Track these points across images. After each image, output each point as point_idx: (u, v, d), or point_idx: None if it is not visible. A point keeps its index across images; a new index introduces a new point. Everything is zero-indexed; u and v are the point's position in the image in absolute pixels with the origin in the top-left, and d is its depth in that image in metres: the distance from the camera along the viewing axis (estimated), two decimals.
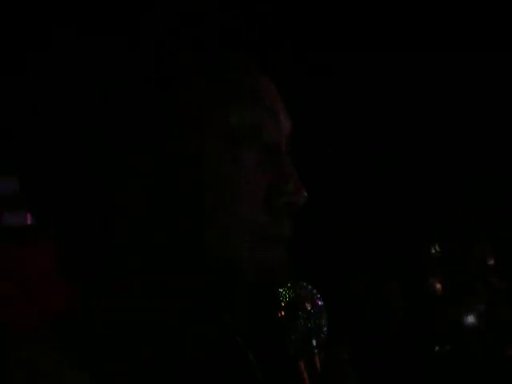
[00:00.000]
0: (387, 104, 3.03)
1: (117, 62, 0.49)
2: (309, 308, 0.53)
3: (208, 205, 0.49)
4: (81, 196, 0.49)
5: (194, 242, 0.49)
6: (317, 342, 0.52)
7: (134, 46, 0.50)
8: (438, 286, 2.58)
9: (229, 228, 0.49)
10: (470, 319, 2.93)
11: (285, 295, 0.53)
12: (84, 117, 0.48)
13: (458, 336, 2.48)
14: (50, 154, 0.50)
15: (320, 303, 0.54)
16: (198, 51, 0.51)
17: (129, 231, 0.49)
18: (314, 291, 0.55)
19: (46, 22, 0.51)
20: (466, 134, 3.32)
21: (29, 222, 1.97)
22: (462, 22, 2.68)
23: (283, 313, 0.52)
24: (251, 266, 0.49)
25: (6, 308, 1.67)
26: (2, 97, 0.52)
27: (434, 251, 3.16)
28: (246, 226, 0.49)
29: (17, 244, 1.94)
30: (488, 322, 3.17)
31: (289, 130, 0.56)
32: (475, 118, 3.21)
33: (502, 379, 2.58)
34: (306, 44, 2.30)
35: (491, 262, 3.67)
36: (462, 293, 3.17)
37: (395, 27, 2.66)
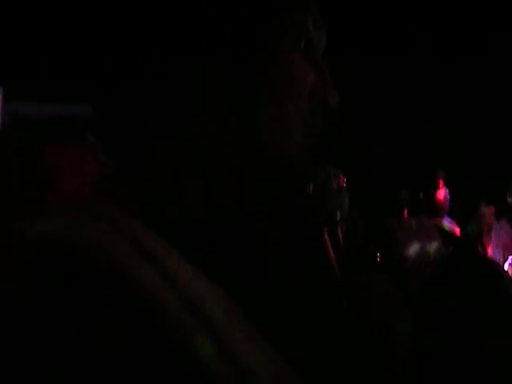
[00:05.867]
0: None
1: None
2: (334, 186, 0.63)
3: (274, 100, 0.56)
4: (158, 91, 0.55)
5: (257, 129, 0.56)
6: (340, 216, 0.62)
7: None
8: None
9: (284, 123, 0.57)
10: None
11: (315, 174, 0.61)
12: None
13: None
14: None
15: (344, 184, 0.64)
16: None
17: (204, 112, 0.56)
18: (339, 173, 0.65)
19: None
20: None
21: None
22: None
23: (312, 189, 0.62)
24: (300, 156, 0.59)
25: None
26: None
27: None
28: (297, 122, 0.57)
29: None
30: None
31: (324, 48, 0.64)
32: None
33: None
34: None
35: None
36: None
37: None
